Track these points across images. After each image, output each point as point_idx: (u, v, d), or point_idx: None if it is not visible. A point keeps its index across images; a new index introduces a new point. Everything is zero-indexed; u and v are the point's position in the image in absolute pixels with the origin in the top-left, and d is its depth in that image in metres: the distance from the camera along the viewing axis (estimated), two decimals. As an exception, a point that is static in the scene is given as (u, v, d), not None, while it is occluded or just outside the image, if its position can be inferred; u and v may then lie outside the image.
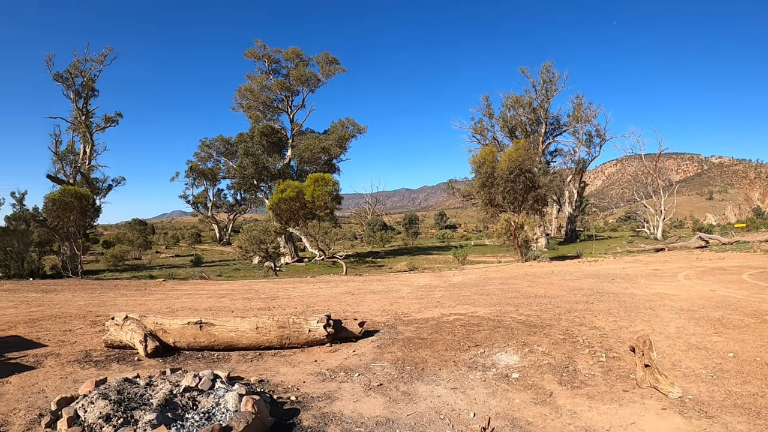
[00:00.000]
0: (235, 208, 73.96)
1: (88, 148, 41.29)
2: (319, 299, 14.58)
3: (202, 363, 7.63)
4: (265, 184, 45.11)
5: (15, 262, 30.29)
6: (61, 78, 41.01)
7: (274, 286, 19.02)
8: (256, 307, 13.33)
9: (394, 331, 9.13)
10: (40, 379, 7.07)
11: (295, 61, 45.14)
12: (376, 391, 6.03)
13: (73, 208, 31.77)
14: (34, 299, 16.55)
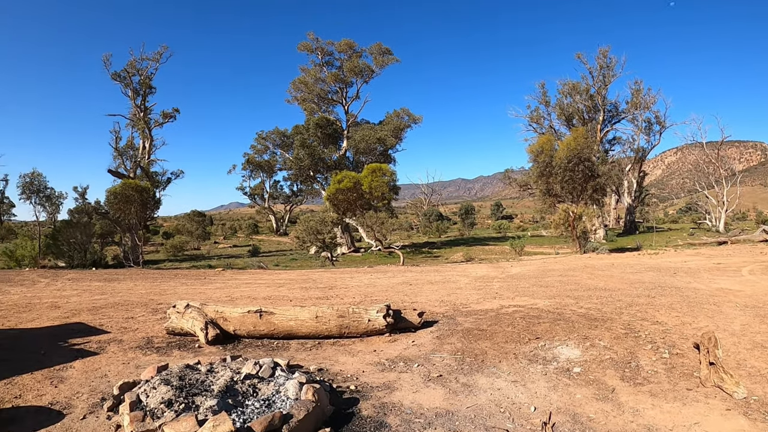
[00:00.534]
0: (291, 199, 74.75)
1: (147, 143, 42.54)
2: (377, 289, 14.63)
3: (262, 351, 7.75)
4: (322, 175, 45.48)
5: (78, 252, 31.42)
6: (118, 77, 42.46)
7: (331, 276, 19.19)
8: (314, 296, 13.48)
9: (453, 322, 9.08)
10: (102, 365, 7.31)
11: (348, 52, 45.45)
12: (436, 382, 6.01)
13: (134, 200, 32.82)
14: (97, 288, 17.08)
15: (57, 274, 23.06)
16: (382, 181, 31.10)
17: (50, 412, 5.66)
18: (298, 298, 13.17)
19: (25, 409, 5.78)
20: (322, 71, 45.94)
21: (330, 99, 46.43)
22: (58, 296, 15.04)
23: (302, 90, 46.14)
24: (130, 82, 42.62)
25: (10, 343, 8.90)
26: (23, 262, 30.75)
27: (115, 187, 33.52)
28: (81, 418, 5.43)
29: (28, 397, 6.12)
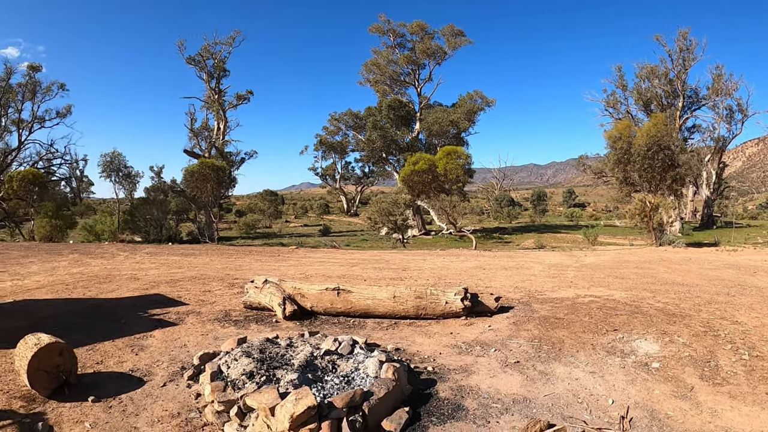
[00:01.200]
0: (362, 180, 75.48)
1: (222, 124, 43.91)
2: (450, 272, 14.69)
3: (338, 328, 7.96)
4: (394, 157, 45.71)
5: (154, 228, 32.90)
6: (193, 61, 44.30)
7: (404, 258, 19.37)
8: (387, 276, 13.66)
9: (529, 308, 9.08)
10: (182, 335, 7.66)
11: (420, 34, 45.37)
12: (513, 368, 6.05)
13: (210, 179, 33.87)
14: (174, 262, 17.73)
15: (135, 248, 24.03)
16: (456, 164, 31.01)
17: (131, 379, 5.97)
18: (372, 278, 13.38)
19: (107, 374, 6.11)
20: (394, 53, 46.00)
21: (402, 81, 46.43)
22: (137, 269, 15.75)
23: (374, 72, 46.34)
24: (204, 65, 44.16)
25: (92, 312, 9.41)
26: (103, 236, 32.42)
27: (193, 166, 34.72)
28: (161, 386, 5.71)
29: (110, 363, 6.47)
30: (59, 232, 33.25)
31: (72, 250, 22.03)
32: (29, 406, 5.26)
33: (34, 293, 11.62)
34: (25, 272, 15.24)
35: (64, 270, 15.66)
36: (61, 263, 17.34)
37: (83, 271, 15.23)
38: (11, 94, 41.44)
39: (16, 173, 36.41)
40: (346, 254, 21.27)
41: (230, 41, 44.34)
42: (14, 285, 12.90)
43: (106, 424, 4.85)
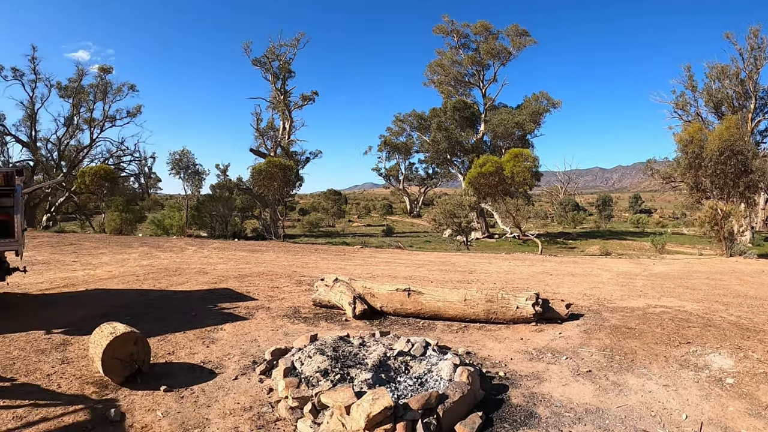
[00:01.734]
0: (426, 181, 75.58)
1: (288, 124, 44.86)
2: (517, 277, 14.69)
3: (408, 329, 8.10)
4: (458, 159, 45.65)
5: (220, 224, 33.87)
6: (259, 63, 45.66)
7: (469, 260, 19.42)
8: (453, 279, 13.78)
9: (599, 317, 9.02)
10: (252, 329, 7.97)
11: (484, 34, 45.28)
12: (585, 377, 6.05)
13: (277, 177, 34.56)
14: (242, 257, 18.37)
15: (203, 242, 24.93)
16: (524, 166, 30.74)
17: (202, 370, 6.22)
18: (438, 280, 13.53)
19: (178, 365, 6.39)
20: (459, 54, 45.95)
21: (467, 82, 46.37)
22: (205, 263, 16.45)
23: (439, 73, 46.47)
24: (270, 67, 45.22)
25: (162, 303, 9.91)
26: (171, 230, 33.67)
27: (260, 164, 35.63)
28: (233, 379, 5.92)
29: (181, 355, 6.78)
30: (128, 225, 35.03)
31: (141, 243, 23.21)
32: (101, 392, 5.52)
33: (105, 283, 12.36)
34: (97, 263, 16.09)
35: (134, 262, 16.51)
36: (131, 255, 18.29)
37: (153, 264, 16.04)
38: (83, 95, 43.86)
39: (88, 168, 38.45)
40: (411, 255, 21.48)
41: (295, 43, 45.47)
42: (86, 274, 13.71)
43: (177, 414, 5.03)
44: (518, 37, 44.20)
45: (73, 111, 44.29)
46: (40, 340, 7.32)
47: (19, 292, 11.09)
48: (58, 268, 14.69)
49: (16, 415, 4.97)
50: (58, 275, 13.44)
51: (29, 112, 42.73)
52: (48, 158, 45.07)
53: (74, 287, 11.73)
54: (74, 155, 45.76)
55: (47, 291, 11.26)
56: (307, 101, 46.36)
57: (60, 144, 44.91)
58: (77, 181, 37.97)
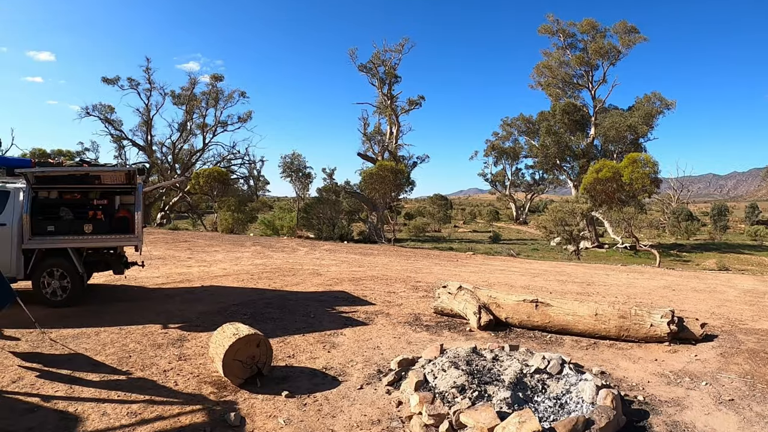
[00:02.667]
0: (532, 187, 73.88)
1: (395, 129, 45.17)
2: (638, 291, 14.04)
3: (535, 343, 7.90)
4: (568, 164, 44.53)
5: (327, 226, 34.55)
6: (365, 68, 46.48)
7: (585, 271, 18.85)
8: (572, 290, 13.41)
9: (734, 339, 8.44)
10: (373, 336, 7.99)
11: (590, 33, 43.55)
12: (727, 406, 5.65)
13: (389, 180, 34.85)
14: (354, 260, 18.59)
15: (314, 244, 25.51)
16: (644, 172, 29.27)
17: (324, 377, 6.21)
18: (557, 290, 13.19)
19: (299, 369, 6.42)
20: (565, 54, 44.66)
21: (575, 83, 44.86)
22: (318, 264, 16.72)
23: (546, 74, 45.25)
24: (376, 72, 45.81)
25: (279, 303, 10.11)
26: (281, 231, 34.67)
27: (371, 168, 36.13)
28: (358, 388, 5.86)
29: (302, 359, 6.84)
30: (240, 225, 36.82)
31: (254, 243, 24.05)
32: (219, 393, 5.58)
33: (221, 280, 12.76)
34: (211, 260, 16.76)
35: (248, 261, 17.04)
36: (244, 254, 18.92)
37: (266, 263, 16.47)
38: (195, 102, 46.80)
39: (203, 171, 40.74)
40: (525, 263, 21.11)
41: (399, 48, 45.99)
42: (201, 271, 14.25)
43: (300, 423, 4.97)
44: (627, 35, 42.07)
45: (186, 117, 47.51)
46: (156, 334, 7.71)
47: (136, 285, 11.68)
48: (173, 264, 15.50)
49: (130, 411, 5.09)
50: (174, 270, 14.15)
51: (145, 118, 46.04)
52: (163, 161, 48.49)
53: (190, 282, 12.25)
54: (187, 158, 49.14)
55: (163, 285, 11.81)
56: (413, 106, 46.65)
57: (174, 148, 48.24)
58: (191, 182, 40.06)
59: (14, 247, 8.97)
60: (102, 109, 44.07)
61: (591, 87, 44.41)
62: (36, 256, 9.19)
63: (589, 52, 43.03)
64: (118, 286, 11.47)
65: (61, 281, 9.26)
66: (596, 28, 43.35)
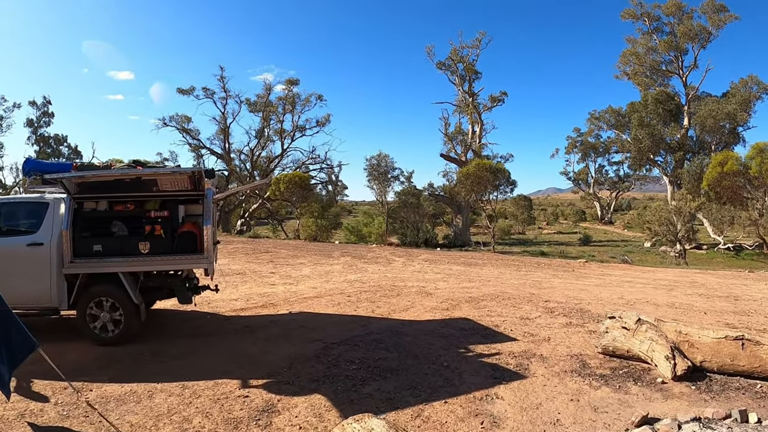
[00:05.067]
0: (617, 185, 70.82)
1: (477, 127, 43.73)
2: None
3: (749, 398, 5.90)
4: (661, 158, 41.92)
5: (411, 230, 33.30)
6: (443, 65, 45.21)
7: (718, 280, 16.54)
8: (724, 309, 11.18)
9: None
10: (541, 398, 5.89)
11: (677, 15, 40.89)
12: None
13: (488, 181, 33.34)
14: (460, 272, 16.76)
15: (409, 253, 23.77)
16: None
17: None
18: (705, 309, 11.12)
19: None
20: (652, 39, 42.25)
21: (664, 70, 42.33)
22: (422, 279, 14.82)
23: (632, 62, 42.97)
24: (455, 69, 44.42)
25: (392, 341, 8.11)
26: (369, 238, 33.38)
27: (468, 167, 34.83)
28: None
29: None
30: (324, 232, 35.39)
31: (342, 252, 22.41)
32: None
33: (311, 304, 11.05)
34: (297, 275, 15.03)
35: (340, 276, 15.33)
36: (334, 267, 17.25)
37: (361, 279, 14.72)
38: (271, 108, 46.75)
39: (283, 176, 39.92)
40: (646, 272, 19.02)
41: (477, 43, 44.37)
42: (287, 291, 12.54)
43: None
44: (716, 14, 39.10)
45: (263, 124, 47.52)
46: (233, 399, 5.76)
47: (209, 311, 10.05)
48: (254, 281, 13.87)
49: None
50: (255, 290, 12.52)
51: (222, 126, 46.40)
52: (242, 168, 48.68)
53: (274, 307, 10.59)
54: (266, 165, 49.06)
55: (242, 312, 10.15)
56: (496, 102, 44.75)
57: (252, 155, 48.27)
58: (272, 188, 39.38)
59: (54, 271, 7.50)
60: (179, 119, 44.85)
61: (681, 73, 41.71)
62: (80, 282, 7.66)
63: (677, 35, 40.42)
64: (188, 312, 9.82)
65: (112, 313, 7.64)
66: (682, 9, 40.76)
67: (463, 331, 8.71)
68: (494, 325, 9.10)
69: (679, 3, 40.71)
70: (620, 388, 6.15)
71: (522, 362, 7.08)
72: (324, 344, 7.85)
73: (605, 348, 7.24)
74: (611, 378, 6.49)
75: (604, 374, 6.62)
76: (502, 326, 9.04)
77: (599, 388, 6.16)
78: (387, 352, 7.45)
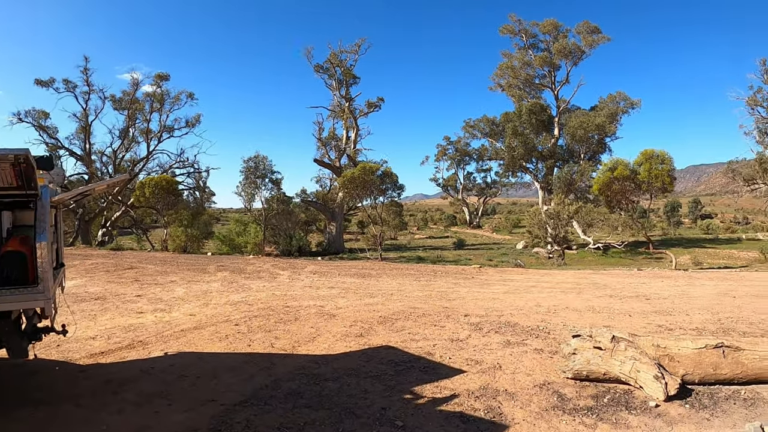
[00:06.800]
0: (485, 191, 73.45)
1: (353, 132, 42.98)
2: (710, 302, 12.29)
3: (738, 407, 5.53)
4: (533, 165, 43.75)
5: (284, 239, 32.23)
6: (321, 68, 43.88)
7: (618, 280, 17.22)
8: (644, 310, 11.29)
9: None
10: None
11: (553, 33, 43.31)
12: None
13: (375, 185, 33.07)
14: (356, 285, 15.39)
15: (292, 264, 22.16)
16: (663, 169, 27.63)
17: None
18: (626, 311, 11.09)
19: None
20: (528, 54, 44.08)
21: (537, 84, 44.33)
22: (317, 297, 13.02)
23: (507, 75, 44.36)
24: (334, 73, 43.53)
25: (313, 392, 6.02)
26: (245, 248, 31.60)
27: (353, 171, 33.84)
28: None
29: None
30: (195, 242, 32.98)
31: (218, 266, 20.19)
32: None
33: (192, 339, 8.50)
34: (169, 298, 12.44)
35: (220, 296, 13.00)
36: (212, 285, 15.03)
37: (247, 299, 12.50)
38: (138, 105, 42.92)
39: (148, 180, 36.33)
40: (543, 275, 19.24)
41: (356, 48, 43.43)
42: (159, 321, 9.89)
43: None
44: (590, 35, 41.75)
45: (128, 122, 43.07)
46: None
47: (59, 358, 7.24)
48: (116, 308, 11.10)
49: None
50: (118, 322, 9.76)
51: (83, 124, 41.60)
52: (103, 171, 43.78)
53: (145, 348, 7.95)
54: (130, 168, 44.08)
55: (103, 356, 7.45)
56: (372, 108, 44.09)
57: (115, 156, 43.65)
58: (136, 194, 36.12)
59: None
60: (35, 115, 39.47)
61: (554, 87, 43.97)
62: None
63: (552, 52, 42.52)
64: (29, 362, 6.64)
65: None
66: (558, 28, 43.09)
67: (395, 366, 6.97)
68: (426, 353, 7.57)
69: (556, 22, 42.99)
70: (618, 422, 5.19)
71: (491, 404, 5.65)
72: (222, 406, 5.56)
73: (578, 373, 6.30)
74: (600, 410, 5.50)
75: (590, 406, 5.61)
76: (436, 354, 7.55)
77: (596, 427, 5.13)
78: (312, 411, 5.42)
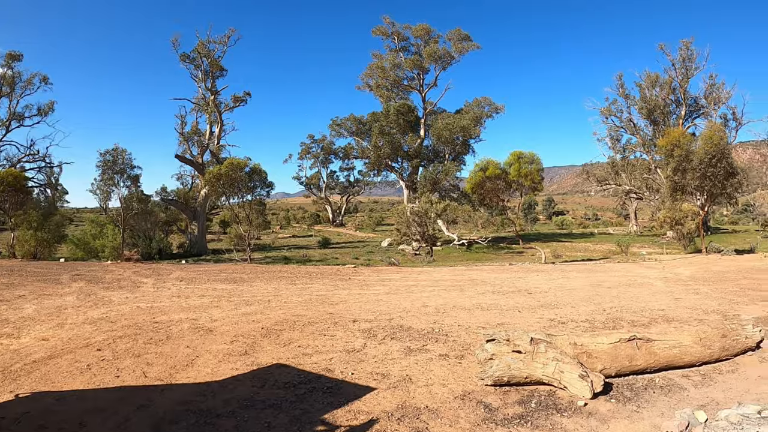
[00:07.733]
0: (348, 190, 73.91)
1: (217, 127, 41.30)
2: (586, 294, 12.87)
3: (657, 395, 5.58)
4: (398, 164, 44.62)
5: (143, 240, 30.70)
6: (188, 58, 41.55)
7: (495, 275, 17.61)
8: (530, 305, 11.43)
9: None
10: None
11: (425, 38, 44.39)
12: None
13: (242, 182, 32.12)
14: (230, 293, 13.79)
15: (157, 270, 19.45)
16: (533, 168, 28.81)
17: None
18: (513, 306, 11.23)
19: None
20: (398, 56, 44.81)
21: (406, 86, 45.15)
22: (188, 308, 11.43)
23: (377, 76, 44.74)
24: (200, 63, 41.41)
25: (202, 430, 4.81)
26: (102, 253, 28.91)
27: (220, 167, 31.96)
28: None
29: None
30: (46, 247, 29.63)
31: (73, 275, 17.14)
32: None
33: (47, 372, 6.66)
34: (17, 318, 10.14)
35: (77, 313, 10.81)
36: (66, 299, 12.53)
37: (109, 316, 10.46)
38: None
39: None
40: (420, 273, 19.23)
41: (225, 40, 41.68)
42: (5, 350, 7.78)
43: None
44: (460, 42, 43.39)
45: None
46: None
47: None
48: None
49: None
50: None
51: None
52: None
53: None
54: None
55: None
56: (239, 103, 42.76)
57: None
58: (-25, 192, 31.83)
59: None
60: None
61: (422, 90, 45.10)
62: None
63: (422, 55, 43.49)
64: None
65: None
66: (430, 33, 44.16)
67: (294, 390, 5.84)
68: (325, 369, 6.60)
69: (429, 27, 44.11)
70: (555, 428, 4.83)
71: (417, 426, 4.85)
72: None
73: (498, 379, 5.89)
74: (532, 416, 5.10)
75: (520, 413, 5.18)
76: (335, 369, 6.61)
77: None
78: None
